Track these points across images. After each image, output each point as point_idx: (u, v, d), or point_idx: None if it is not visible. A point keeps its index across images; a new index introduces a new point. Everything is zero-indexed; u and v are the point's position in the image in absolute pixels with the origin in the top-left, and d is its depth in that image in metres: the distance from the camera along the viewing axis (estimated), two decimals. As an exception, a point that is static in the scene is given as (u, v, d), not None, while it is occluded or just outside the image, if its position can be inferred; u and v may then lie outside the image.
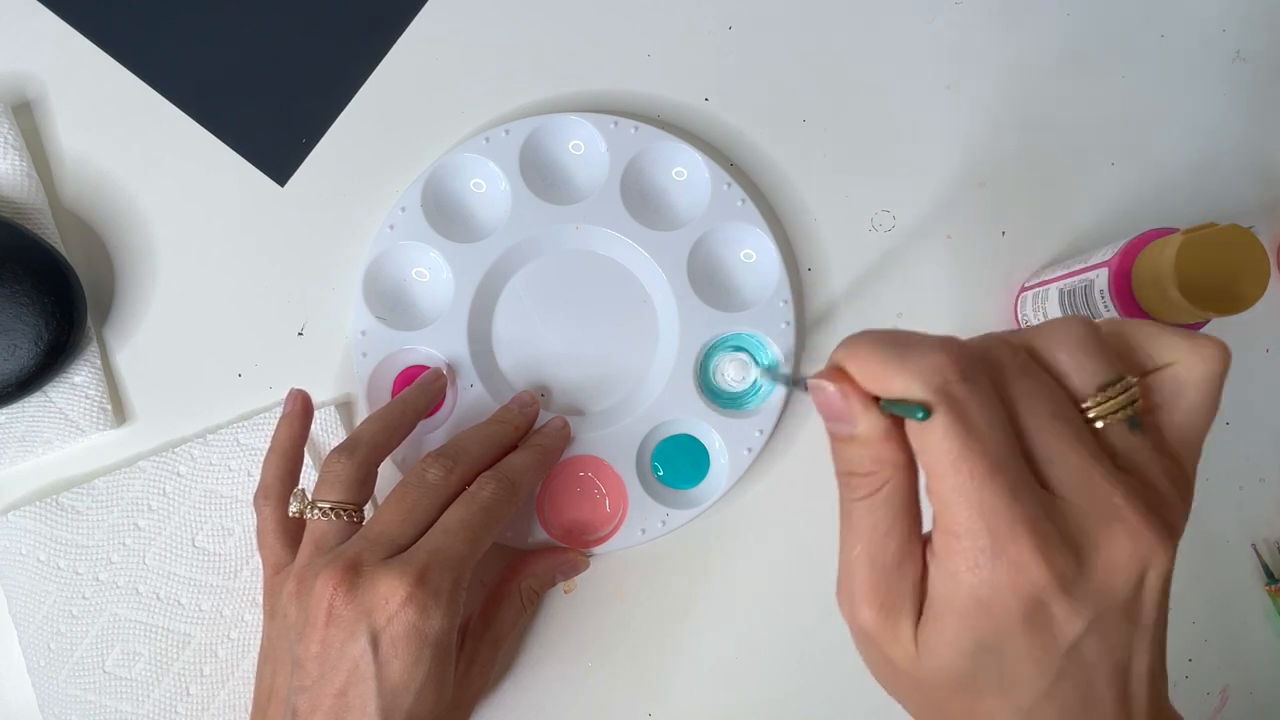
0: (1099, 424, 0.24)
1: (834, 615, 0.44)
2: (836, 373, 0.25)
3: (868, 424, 0.24)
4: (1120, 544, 0.23)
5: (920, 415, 0.23)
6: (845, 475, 0.26)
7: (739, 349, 0.44)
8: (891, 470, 0.25)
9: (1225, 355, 0.25)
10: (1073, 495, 0.23)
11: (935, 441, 0.23)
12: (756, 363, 0.44)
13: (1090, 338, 0.25)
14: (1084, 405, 0.25)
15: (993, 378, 0.24)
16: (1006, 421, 0.23)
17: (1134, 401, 0.25)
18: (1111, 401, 0.24)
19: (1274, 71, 0.48)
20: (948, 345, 0.23)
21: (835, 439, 0.26)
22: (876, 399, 0.24)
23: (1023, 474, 0.23)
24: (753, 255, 0.45)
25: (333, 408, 0.44)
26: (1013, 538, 0.22)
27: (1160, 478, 0.25)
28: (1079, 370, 0.25)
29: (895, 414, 0.24)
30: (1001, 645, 0.24)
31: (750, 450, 0.43)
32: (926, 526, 0.26)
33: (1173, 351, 0.25)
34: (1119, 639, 0.24)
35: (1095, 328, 0.25)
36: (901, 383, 0.23)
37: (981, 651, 0.24)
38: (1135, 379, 0.25)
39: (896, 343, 0.24)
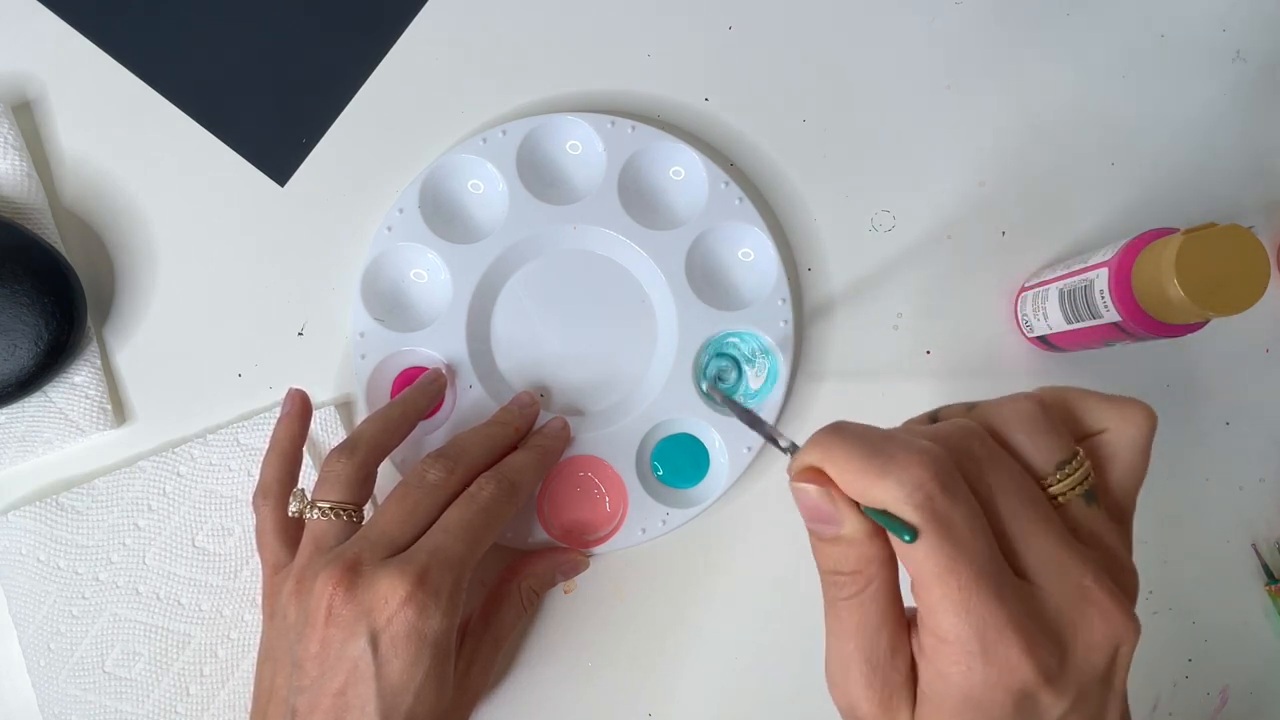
0: (1059, 500, 0.26)
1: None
2: (816, 474, 0.25)
3: (853, 527, 0.25)
4: (1095, 627, 0.24)
5: (907, 538, 0.23)
6: (830, 574, 0.26)
7: (727, 356, 0.44)
8: (877, 568, 0.25)
9: (1151, 418, 0.27)
10: (1047, 582, 0.25)
11: (921, 556, 0.24)
12: (738, 378, 0.44)
13: (1042, 416, 0.26)
14: (1045, 483, 0.26)
15: (966, 471, 0.25)
16: (986, 522, 0.24)
17: (1088, 476, 0.26)
18: (1070, 479, 0.26)
19: (1274, 71, 0.48)
20: (925, 455, 0.24)
21: (818, 539, 0.26)
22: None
23: (1004, 573, 0.24)
24: (751, 254, 0.45)
25: (333, 408, 0.44)
26: (1001, 641, 0.23)
27: (1117, 544, 0.26)
28: (1037, 451, 0.26)
29: (877, 521, 0.24)
30: None
31: (750, 449, 0.43)
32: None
33: (1103, 419, 0.27)
34: (1096, 705, 0.25)
35: (1044, 404, 0.27)
36: (882, 494, 0.24)
37: None
38: (1084, 455, 0.26)
39: (874, 449, 0.24)
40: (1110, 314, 0.38)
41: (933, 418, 0.29)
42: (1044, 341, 0.44)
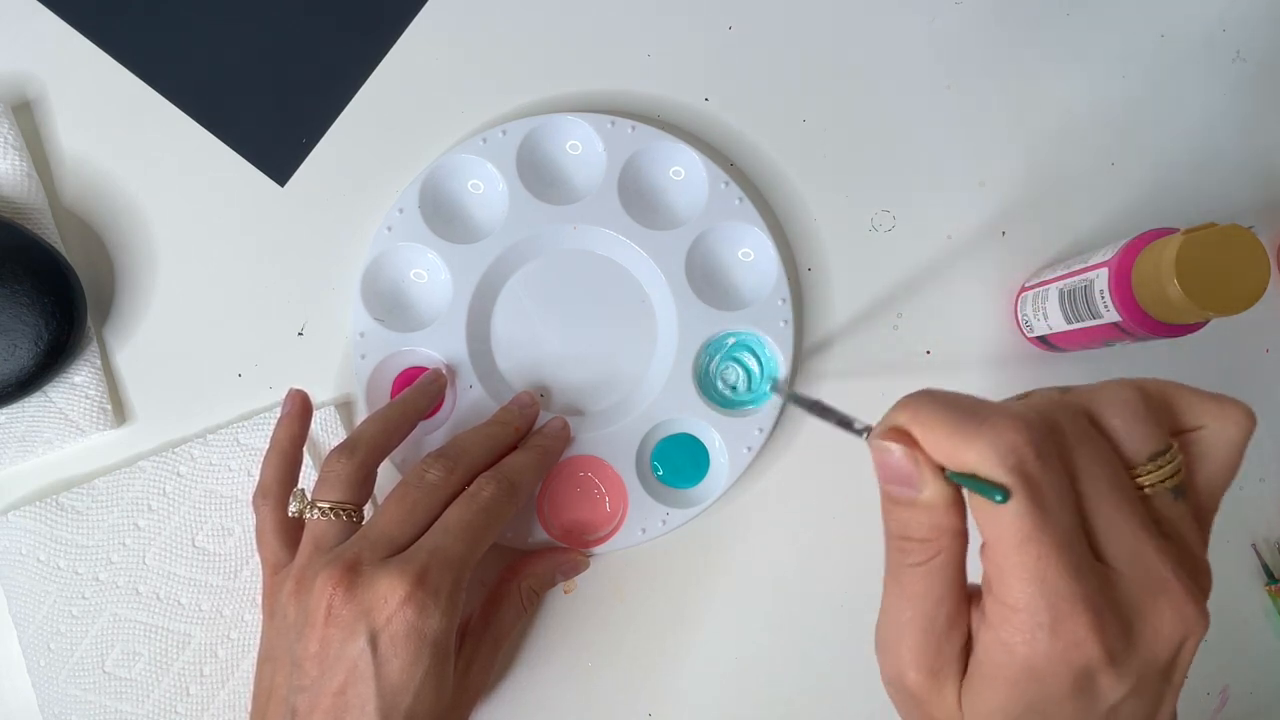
0: (1146, 490, 0.25)
1: (835, 614, 0.44)
2: (901, 435, 0.25)
3: (933, 492, 0.25)
4: (1166, 616, 0.24)
5: (999, 499, 0.23)
6: (899, 540, 0.26)
7: (737, 361, 0.44)
8: (949, 539, 0.25)
9: (1253, 420, 0.26)
10: (1125, 567, 0.24)
11: (1006, 520, 0.23)
12: (762, 373, 0.44)
13: (1143, 404, 0.26)
14: (1135, 472, 0.25)
15: (1058, 446, 0.24)
16: (1072, 497, 0.24)
17: (1179, 471, 0.26)
18: (1161, 470, 0.25)
19: (1274, 71, 0.48)
20: (1020, 421, 0.24)
21: (893, 502, 0.26)
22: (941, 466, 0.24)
23: (1083, 549, 0.24)
24: (751, 254, 0.45)
25: (333, 408, 0.44)
26: (1071, 615, 0.23)
27: (1196, 541, 0.26)
28: (1132, 438, 0.25)
29: (961, 485, 0.24)
30: (1047, 710, 0.24)
31: (750, 449, 0.43)
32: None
33: (1203, 415, 0.26)
34: (1152, 698, 0.25)
35: (1146, 393, 0.26)
36: (974, 457, 0.23)
37: (1027, 715, 0.25)
38: (1178, 449, 0.26)
39: (967, 413, 0.24)
40: (1110, 314, 0.38)
41: (1024, 398, 0.29)
42: (1044, 341, 0.44)
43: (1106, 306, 0.38)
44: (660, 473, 0.44)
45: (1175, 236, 0.34)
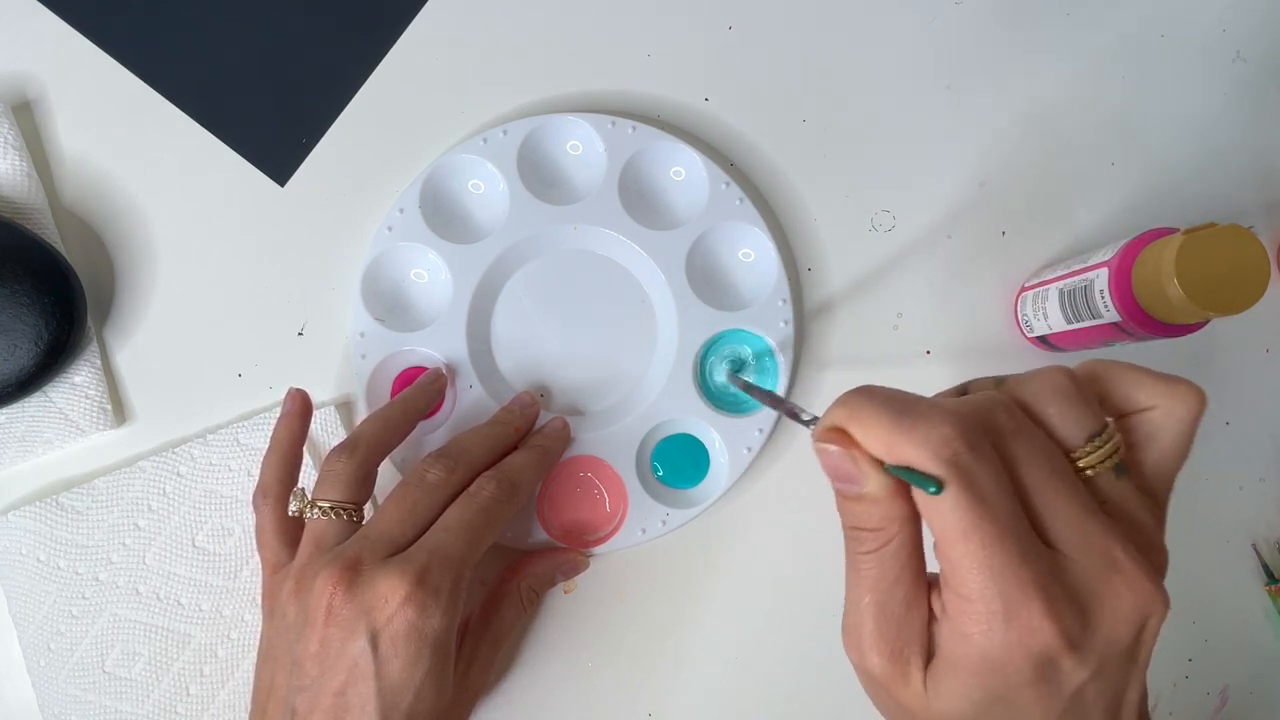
0: (1088, 472, 0.26)
1: (835, 614, 0.44)
2: (839, 435, 0.25)
3: (876, 485, 0.25)
4: (1123, 597, 0.24)
5: (933, 490, 0.23)
6: (852, 530, 0.26)
7: (732, 361, 0.44)
8: (899, 525, 0.25)
9: (1202, 399, 0.27)
10: (1074, 551, 0.24)
11: (946, 512, 0.24)
12: (746, 372, 0.44)
13: (1073, 388, 0.26)
14: (1074, 456, 0.26)
15: (991, 440, 0.25)
16: (1010, 485, 0.24)
17: (1118, 449, 0.26)
18: (1099, 451, 0.26)
19: (1274, 71, 0.48)
20: (953, 415, 0.24)
21: (842, 497, 0.26)
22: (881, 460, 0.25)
23: (1029, 536, 0.24)
24: (751, 254, 0.45)
25: (333, 408, 0.44)
26: (1024, 601, 0.23)
27: (1147, 520, 0.26)
28: (1066, 423, 0.26)
29: (902, 479, 0.25)
30: (1010, 697, 0.25)
31: (750, 449, 0.43)
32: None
33: (1151, 396, 0.27)
34: (1118, 679, 0.25)
35: (1075, 377, 0.26)
36: (910, 451, 0.24)
37: (991, 702, 0.25)
38: (1115, 427, 0.26)
39: (901, 409, 0.24)
40: (1110, 314, 0.38)
41: (961, 391, 0.29)
42: (1044, 342, 0.44)
43: (1106, 306, 0.38)
44: (660, 473, 0.44)
45: (1175, 236, 0.34)
